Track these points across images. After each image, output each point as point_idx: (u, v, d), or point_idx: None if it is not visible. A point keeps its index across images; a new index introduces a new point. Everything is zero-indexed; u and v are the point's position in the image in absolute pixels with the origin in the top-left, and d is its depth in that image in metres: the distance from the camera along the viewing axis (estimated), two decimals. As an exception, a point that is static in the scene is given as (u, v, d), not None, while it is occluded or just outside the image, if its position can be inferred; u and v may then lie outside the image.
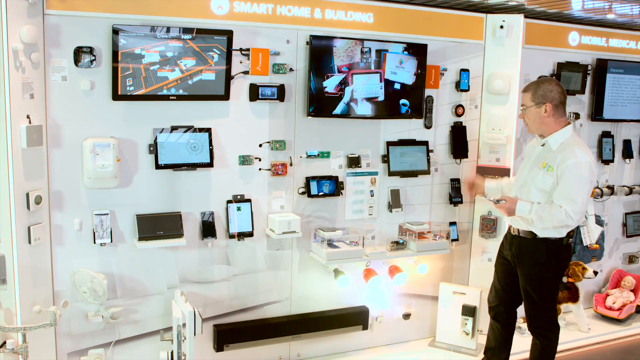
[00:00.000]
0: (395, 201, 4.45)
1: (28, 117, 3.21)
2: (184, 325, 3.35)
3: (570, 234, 3.59)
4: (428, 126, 4.53)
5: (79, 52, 3.36)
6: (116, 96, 3.46)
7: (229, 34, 3.65)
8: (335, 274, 4.24)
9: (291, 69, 3.96)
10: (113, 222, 3.61)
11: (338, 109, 4.07)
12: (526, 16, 4.61)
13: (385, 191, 4.45)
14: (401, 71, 4.21)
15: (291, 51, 3.96)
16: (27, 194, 3.26)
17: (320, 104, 4.01)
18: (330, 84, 4.01)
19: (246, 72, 3.84)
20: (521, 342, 4.40)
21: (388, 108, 4.24)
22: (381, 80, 4.16)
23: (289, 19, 3.91)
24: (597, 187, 5.31)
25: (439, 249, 4.43)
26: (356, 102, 4.10)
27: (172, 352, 3.45)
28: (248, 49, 3.81)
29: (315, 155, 4.16)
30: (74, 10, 3.34)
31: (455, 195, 4.67)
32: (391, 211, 4.46)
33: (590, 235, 5.17)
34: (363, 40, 4.07)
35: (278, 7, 3.86)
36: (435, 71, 4.44)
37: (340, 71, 4.02)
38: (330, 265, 4.16)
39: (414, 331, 4.76)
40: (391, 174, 4.39)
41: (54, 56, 3.35)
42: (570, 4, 4.36)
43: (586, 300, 5.39)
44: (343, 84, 4.04)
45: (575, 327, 5.10)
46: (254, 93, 3.86)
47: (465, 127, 4.66)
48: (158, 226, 3.66)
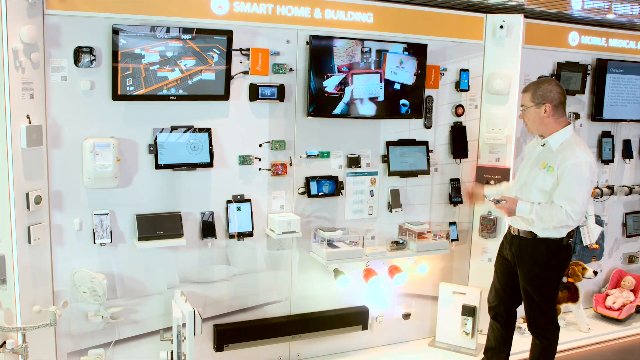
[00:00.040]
0: (395, 201, 4.45)
1: (28, 117, 3.21)
2: (183, 325, 3.35)
3: (570, 234, 3.59)
4: (428, 126, 4.53)
5: (78, 52, 3.36)
6: (116, 96, 3.46)
7: (228, 34, 3.65)
8: (335, 274, 4.24)
9: (291, 69, 3.96)
10: (113, 222, 3.61)
11: (338, 109, 4.07)
12: (526, 16, 4.61)
13: (385, 191, 4.45)
14: (401, 71, 4.21)
15: (291, 51, 3.96)
16: (27, 194, 3.26)
17: (320, 104, 4.01)
18: (330, 84, 4.00)
19: (246, 72, 3.84)
20: (521, 342, 4.40)
21: (388, 108, 4.23)
22: (381, 80, 4.15)
23: (289, 19, 3.91)
24: (597, 187, 5.31)
25: (438, 249, 4.43)
26: (356, 102, 4.10)
27: (172, 352, 3.45)
28: (248, 49, 3.81)
29: (315, 155, 4.16)
30: (73, 10, 3.34)
31: (455, 195, 4.67)
32: (391, 211, 4.46)
33: (590, 235, 5.17)
34: (363, 40, 4.06)
35: (278, 7, 3.86)
36: (435, 71, 4.43)
37: (340, 71, 4.01)
38: (330, 265, 4.16)
39: (413, 331, 4.76)
40: (391, 174, 4.39)
41: (54, 56, 3.34)
42: (570, 4, 4.36)
43: (586, 300, 5.39)
44: (343, 84, 4.04)
45: (575, 327, 5.10)
46: (254, 93, 3.86)
47: (465, 127, 4.66)
48: (158, 226, 3.66)
